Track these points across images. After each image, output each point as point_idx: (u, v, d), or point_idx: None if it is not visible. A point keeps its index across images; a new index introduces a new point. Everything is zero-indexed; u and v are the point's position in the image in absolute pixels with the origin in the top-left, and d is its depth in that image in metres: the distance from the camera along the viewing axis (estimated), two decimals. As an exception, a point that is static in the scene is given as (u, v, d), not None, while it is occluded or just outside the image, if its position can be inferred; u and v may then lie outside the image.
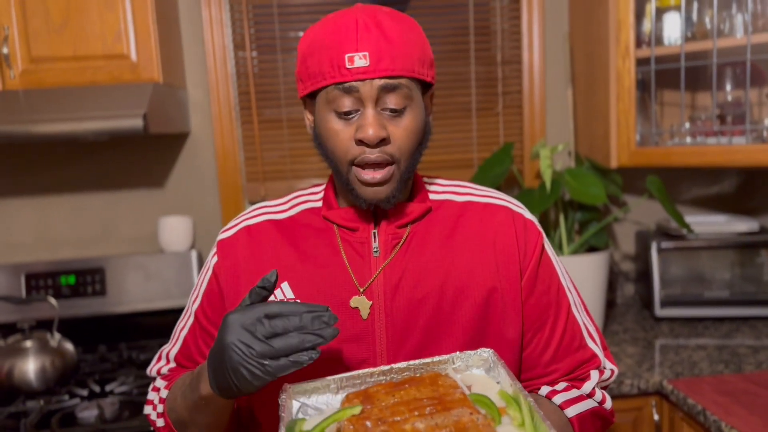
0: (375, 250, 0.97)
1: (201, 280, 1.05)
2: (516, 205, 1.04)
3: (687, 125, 1.98)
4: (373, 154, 0.89)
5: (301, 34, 2.19)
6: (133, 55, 1.76)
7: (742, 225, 2.09)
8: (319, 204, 1.04)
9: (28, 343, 1.71)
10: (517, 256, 0.99)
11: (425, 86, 0.96)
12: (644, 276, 2.17)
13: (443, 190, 1.05)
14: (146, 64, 1.77)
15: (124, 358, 1.97)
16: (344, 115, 0.90)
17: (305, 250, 0.99)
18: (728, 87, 1.94)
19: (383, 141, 0.89)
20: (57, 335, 1.78)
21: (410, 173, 0.95)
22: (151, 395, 1.06)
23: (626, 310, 2.25)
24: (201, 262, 2.11)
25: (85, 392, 1.71)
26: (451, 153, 2.29)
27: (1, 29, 1.72)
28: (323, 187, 1.06)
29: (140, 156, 2.17)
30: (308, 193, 1.07)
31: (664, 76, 2.04)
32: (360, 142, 0.89)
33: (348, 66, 0.87)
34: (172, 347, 1.07)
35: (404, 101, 0.90)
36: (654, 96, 1.95)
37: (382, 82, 0.88)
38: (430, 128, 0.99)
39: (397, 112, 0.90)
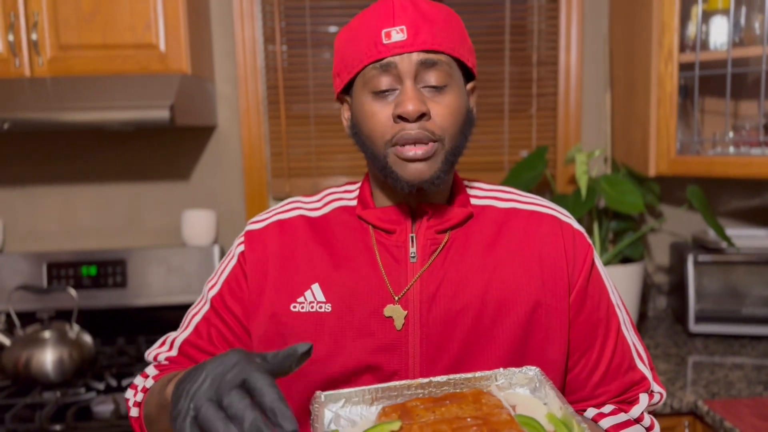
0: (412, 255, 0.91)
1: (222, 268, 1.00)
2: (564, 215, 0.98)
3: (731, 134, 1.89)
4: (413, 130, 0.83)
5: (332, 29, 2.15)
6: (162, 45, 1.74)
7: (784, 240, 2.00)
8: (353, 203, 0.98)
9: (47, 334, 1.69)
10: (565, 270, 0.92)
11: (466, 75, 0.92)
12: (678, 289, 2.08)
13: (485, 195, 0.99)
14: (175, 54, 1.74)
15: (143, 351, 1.94)
16: (381, 95, 0.85)
17: (338, 251, 0.93)
18: (776, 96, 1.86)
19: (423, 116, 0.83)
20: (76, 327, 1.76)
21: (455, 156, 0.89)
22: (138, 380, 0.98)
23: (658, 323, 2.17)
24: (223, 257, 2.08)
25: (101, 386, 1.68)
26: (481, 155, 2.23)
27: (31, 16, 1.71)
28: (358, 185, 1.01)
29: (166, 148, 2.14)
30: (342, 190, 1.02)
31: (707, 83, 1.95)
32: (399, 119, 0.84)
33: (385, 41, 0.83)
34: (180, 333, 1.00)
35: (445, 78, 0.85)
36: (696, 103, 1.88)
37: (421, 56, 0.84)
38: (473, 118, 0.93)
39: (437, 89, 0.85)
